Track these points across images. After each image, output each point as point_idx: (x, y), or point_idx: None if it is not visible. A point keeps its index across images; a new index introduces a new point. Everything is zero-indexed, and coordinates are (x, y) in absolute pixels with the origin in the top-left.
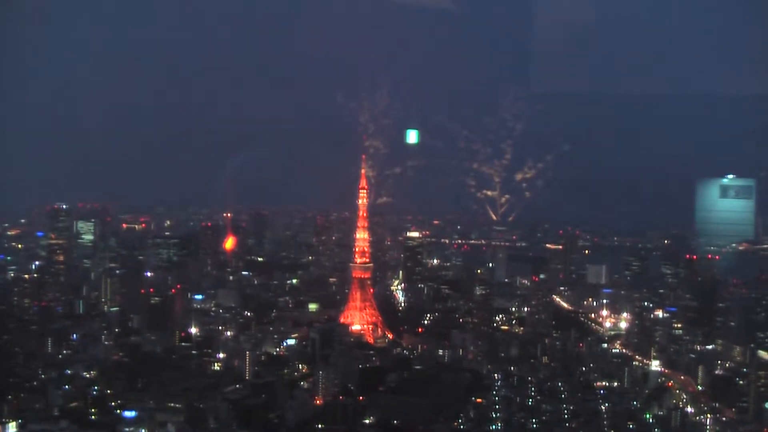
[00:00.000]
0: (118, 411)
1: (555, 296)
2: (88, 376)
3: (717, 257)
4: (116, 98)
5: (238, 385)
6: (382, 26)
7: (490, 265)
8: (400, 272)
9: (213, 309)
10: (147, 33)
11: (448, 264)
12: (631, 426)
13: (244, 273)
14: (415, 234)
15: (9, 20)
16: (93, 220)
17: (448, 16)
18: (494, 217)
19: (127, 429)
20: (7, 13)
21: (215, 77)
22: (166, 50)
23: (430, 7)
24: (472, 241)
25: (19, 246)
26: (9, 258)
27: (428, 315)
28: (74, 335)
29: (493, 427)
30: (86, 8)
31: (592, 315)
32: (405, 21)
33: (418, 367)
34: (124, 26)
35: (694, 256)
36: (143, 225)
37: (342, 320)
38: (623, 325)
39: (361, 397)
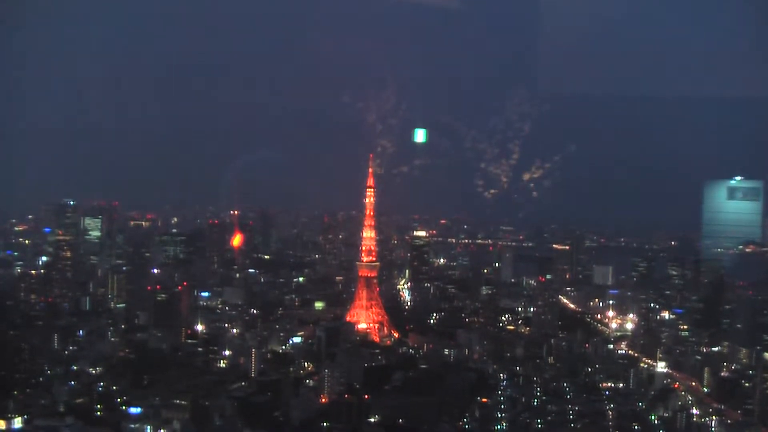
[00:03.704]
0: (124, 407)
1: (561, 297)
2: (94, 372)
3: (723, 259)
4: (124, 97)
5: (243, 383)
6: (389, 25)
7: (497, 265)
8: (407, 271)
9: (219, 306)
10: (154, 33)
11: (455, 263)
12: (636, 427)
13: (250, 271)
14: (422, 233)
15: (15, 19)
16: (100, 216)
17: (454, 15)
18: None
19: (132, 425)
20: (13, 12)
21: (223, 77)
22: (174, 50)
23: (436, 5)
24: (479, 241)
25: (26, 242)
26: (16, 254)
27: (434, 314)
28: (80, 331)
29: (499, 426)
30: (92, 8)
31: (599, 316)
32: (412, 20)
33: (423, 366)
34: (131, 26)
35: (701, 258)
36: (150, 222)
37: (348, 319)
38: (629, 326)
39: (366, 396)
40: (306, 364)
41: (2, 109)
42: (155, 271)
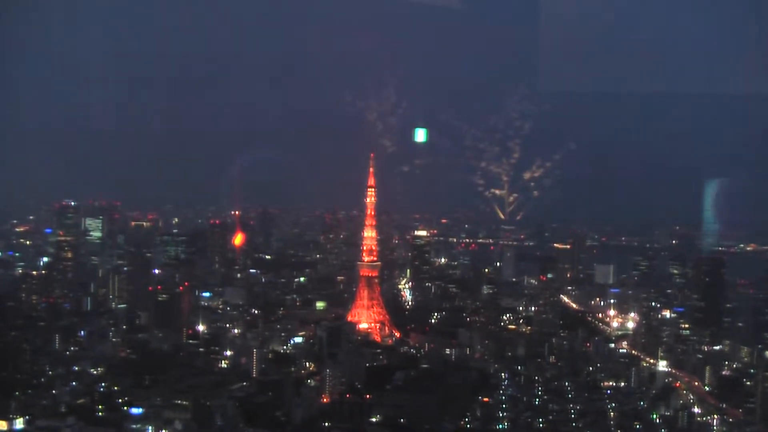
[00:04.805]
0: (125, 408)
1: (562, 296)
2: (95, 372)
3: (725, 257)
4: (124, 97)
5: (244, 383)
6: (388, 25)
7: (498, 264)
8: (408, 271)
9: (220, 306)
10: (154, 33)
11: (456, 263)
12: (637, 426)
13: (251, 271)
14: (423, 232)
15: (15, 19)
16: (101, 217)
17: (454, 13)
18: (502, 216)
19: (133, 426)
20: (13, 11)
21: (223, 77)
22: (174, 50)
23: (436, 4)
24: (480, 240)
25: (27, 243)
26: (17, 254)
27: (435, 314)
28: (82, 332)
29: (500, 426)
30: (93, 8)
31: (600, 315)
32: (411, 19)
33: (425, 365)
34: (133, 26)
35: (702, 256)
36: (151, 222)
37: (349, 318)
38: (630, 324)
39: (367, 396)
40: (307, 363)
41: (2, 109)
42: (156, 271)
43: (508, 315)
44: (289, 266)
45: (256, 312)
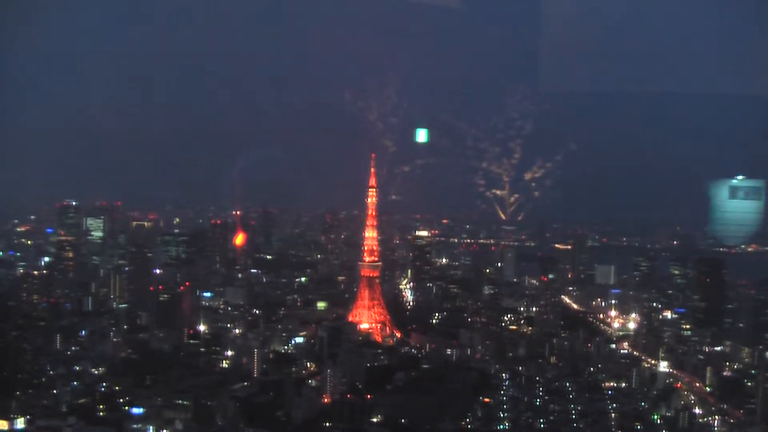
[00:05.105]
0: (126, 407)
1: (563, 296)
2: (96, 372)
3: (725, 258)
4: (126, 97)
5: (245, 383)
6: (390, 25)
7: (499, 264)
8: (409, 271)
9: (221, 306)
10: (155, 32)
11: (457, 263)
12: (638, 427)
13: (252, 271)
14: (424, 233)
15: (16, 19)
16: (102, 216)
17: (455, 13)
18: (503, 217)
19: (134, 426)
20: (13, 12)
21: (224, 77)
22: (174, 50)
23: (435, 4)
24: (481, 241)
25: (29, 242)
26: (18, 254)
27: (436, 314)
28: (83, 332)
29: (501, 426)
30: (93, 8)
31: (601, 315)
32: (411, 19)
33: (426, 366)
34: (133, 25)
35: (703, 257)
36: (152, 222)
37: (350, 319)
38: (631, 325)
39: (368, 396)
40: (308, 364)
41: (2, 109)
42: (157, 271)
43: (509, 315)
44: (290, 266)
45: (257, 312)
